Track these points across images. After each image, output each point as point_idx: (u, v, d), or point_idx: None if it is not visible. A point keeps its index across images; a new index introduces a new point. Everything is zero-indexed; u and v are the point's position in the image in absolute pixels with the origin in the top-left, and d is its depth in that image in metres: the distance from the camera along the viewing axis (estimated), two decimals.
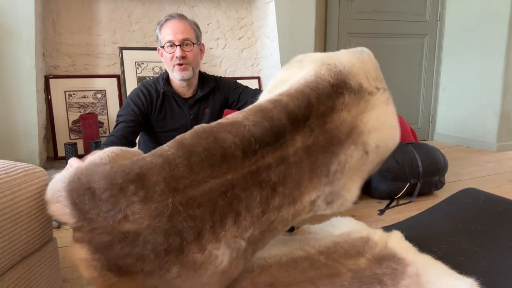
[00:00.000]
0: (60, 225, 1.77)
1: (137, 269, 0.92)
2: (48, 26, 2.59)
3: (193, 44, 1.53)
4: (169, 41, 1.49)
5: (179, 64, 1.51)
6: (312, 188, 1.14)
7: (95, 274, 0.91)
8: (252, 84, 3.12)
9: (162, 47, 1.53)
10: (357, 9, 3.33)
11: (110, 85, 2.74)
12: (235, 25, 3.08)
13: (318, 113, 1.10)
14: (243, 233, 1.02)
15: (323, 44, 3.30)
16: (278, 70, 2.91)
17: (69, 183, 0.91)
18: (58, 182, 0.93)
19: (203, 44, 1.63)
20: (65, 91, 2.61)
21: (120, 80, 2.76)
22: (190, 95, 1.63)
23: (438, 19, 3.61)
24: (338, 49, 3.33)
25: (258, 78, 3.17)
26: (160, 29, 1.54)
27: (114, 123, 1.60)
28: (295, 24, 2.88)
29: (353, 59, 1.21)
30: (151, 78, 2.81)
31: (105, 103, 2.72)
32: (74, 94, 2.64)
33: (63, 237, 1.66)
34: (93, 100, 2.69)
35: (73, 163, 1.07)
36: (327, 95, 1.12)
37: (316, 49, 3.13)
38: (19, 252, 0.97)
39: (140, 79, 2.79)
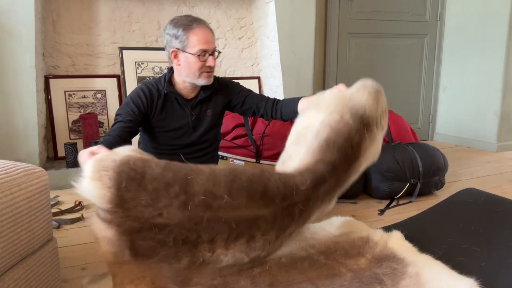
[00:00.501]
0: (60, 225, 1.77)
1: (155, 253, 0.98)
2: (48, 26, 2.59)
3: (217, 52, 1.58)
4: (204, 50, 1.49)
5: (208, 72, 1.53)
6: (319, 212, 1.27)
7: (114, 249, 0.95)
8: (252, 84, 3.12)
9: (193, 54, 1.49)
10: (357, 9, 3.33)
11: (110, 85, 2.74)
12: (235, 25, 3.08)
13: (348, 161, 1.24)
14: (250, 252, 1.10)
15: (323, 44, 3.30)
16: (278, 70, 2.92)
17: (121, 164, 0.93)
18: (106, 160, 0.94)
19: None
20: (65, 91, 2.61)
21: (120, 80, 2.76)
22: (193, 96, 1.63)
23: (438, 19, 3.61)
24: (338, 49, 3.34)
25: (258, 78, 3.17)
26: (187, 33, 1.48)
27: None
28: (295, 24, 2.88)
29: (374, 104, 1.29)
30: (151, 78, 2.81)
31: (105, 103, 2.72)
32: (74, 94, 2.64)
33: (63, 237, 1.66)
34: (93, 100, 2.69)
35: (101, 150, 1.05)
36: (357, 143, 1.23)
37: (316, 49, 3.13)
38: (19, 252, 0.97)
39: (140, 79, 2.79)
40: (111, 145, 1.35)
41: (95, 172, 0.92)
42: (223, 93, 1.70)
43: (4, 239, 0.91)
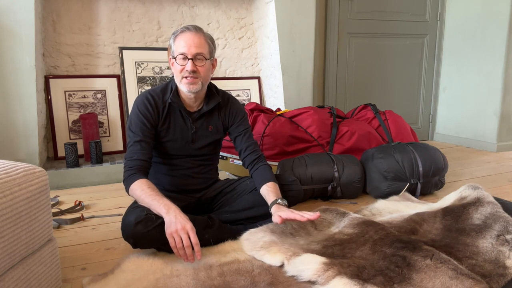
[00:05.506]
0: (60, 225, 1.77)
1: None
2: (48, 26, 2.59)
3: (206, 59, 1.50)
4: (182, 53, 1.46)
5: (188, 77, 1.48)
6: None
7: None
8: (252, 84, 3.13)
9: (174, 58, 1.50)
10: (357, 9, 3.33)
11: (110, 85, 2.74)
12: (235, 25, 3.08)
13: None
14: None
15: (323, 44, 3.30)
16: (278, 70, 2.92)
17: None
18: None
19: (215, 59, 1.60)
20: (65, 91, 2.61)
21: (120, 80, 2.76)
22: (196, 109, 1.60)
23: (438, 19, 3.61)
24: (338, 49, 3.34)
25: (258, 78, 3.17)
26: (174, 40, 1.50)
27: (128, 135, 1.54)
28: (295, 24, 2.88)
29: None
30: (151, 78, 2.81)
31: (105, 103, 2.72)
32: (74, 94, 2.64)
33: (63, 237, 1.66)
34: (93, 100, 2.69)
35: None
36: None
37: (316, 49, 3.14)
38: (19, 252, 0.97)
39: (140, 79, 2.79)
40: (140, 172, 1.44)
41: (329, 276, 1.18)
42: (228, 115, 1.66)
43: (4, 239, 0.91)
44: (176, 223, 1.27)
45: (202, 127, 1.62)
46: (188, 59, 1.46)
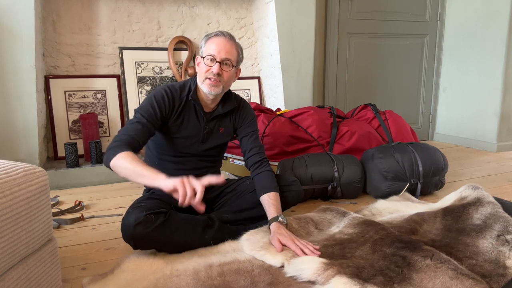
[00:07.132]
0: (60, 225, 1.77)
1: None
2: (48, 26, 2.59)
3: (232, 66, 1.54)
4: (211, 55, 1.50)
5: (212, 79, 1.51)
6: None
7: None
8: (252, 84, 3.12)
9: (203, 57, 1.53)
10: (357, 9, 3.33)
11: (110, 85, 2.74)
12: (235, 25, 3.08)
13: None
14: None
15: (323, 44, 3.30)
16: (278, 70, 2.92)
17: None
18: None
19: (240, 69, 1.64)
20: (65, 91, 2.61)
21: (120, 80, 2.76)
22: (210, 110, 1.63)
23: (438, 19, 3.61)
24: (338, 49, 3.34)
25: (258, 78, 3.17)
26: (206, 41, 1.55)
27: (131, 117, 1.55)
28: (295, 24, 2.88)
29: None
30: (151, 78, 2.82)
31: (105, 103, 2.72)
32: (74, 94, 2.64)
33: (63, 237, 1.66)
34: (93, 100, 2.69)
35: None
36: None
37: (316, 49, 3.14)
38: (19, 252, 0.97)
39: (140, 79, 2.79)
40: (128, 147, 1.39)
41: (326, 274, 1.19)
42: (238, 117, 1.69)
43: (4, 239, 0.91)
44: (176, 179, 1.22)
45: (215, 128, 1.64)
46: (216, 61, 1.50)
